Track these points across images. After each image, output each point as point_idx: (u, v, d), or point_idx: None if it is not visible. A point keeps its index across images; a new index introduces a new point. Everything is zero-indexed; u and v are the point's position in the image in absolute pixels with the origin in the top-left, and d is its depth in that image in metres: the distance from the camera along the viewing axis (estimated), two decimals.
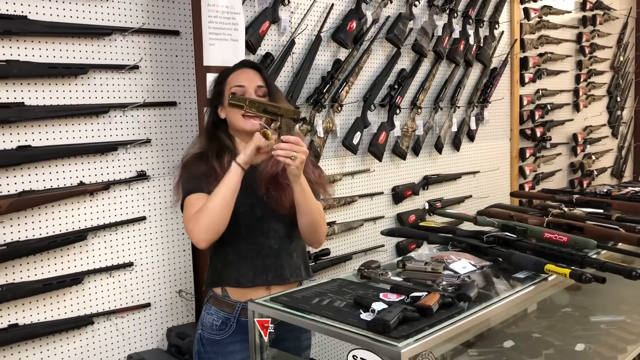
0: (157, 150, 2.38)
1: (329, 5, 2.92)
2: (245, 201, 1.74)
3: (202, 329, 1.82)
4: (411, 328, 1.32)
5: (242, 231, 1.76)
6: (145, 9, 2.31)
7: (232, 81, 1.78)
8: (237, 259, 1.77)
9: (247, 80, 1.77)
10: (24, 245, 2.03)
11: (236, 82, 1.77)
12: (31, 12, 2.04)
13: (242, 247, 1.77)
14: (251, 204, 1.75)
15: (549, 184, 4.71)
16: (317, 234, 1.81)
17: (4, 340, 1.99)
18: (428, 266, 1.67)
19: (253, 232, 1.77)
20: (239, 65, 1.86)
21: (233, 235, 1.76)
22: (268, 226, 1.77)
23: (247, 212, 1.75)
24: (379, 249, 3.28)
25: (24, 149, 2.03)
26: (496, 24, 4.00)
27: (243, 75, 1.79)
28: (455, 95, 3.71)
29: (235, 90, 1.74)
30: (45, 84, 2.09)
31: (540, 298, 2.01)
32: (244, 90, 1.75)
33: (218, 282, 1.81)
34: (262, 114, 1.67)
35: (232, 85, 1.77)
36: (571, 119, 4.99)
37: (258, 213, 1.76)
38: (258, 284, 1.76)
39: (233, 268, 1.77)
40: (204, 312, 1.83)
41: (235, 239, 1.76)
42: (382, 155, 3.22)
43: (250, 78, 1.78)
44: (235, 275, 1.77)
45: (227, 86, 1.78)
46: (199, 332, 1.83)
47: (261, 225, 1.77)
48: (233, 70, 1.83)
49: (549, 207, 2.40)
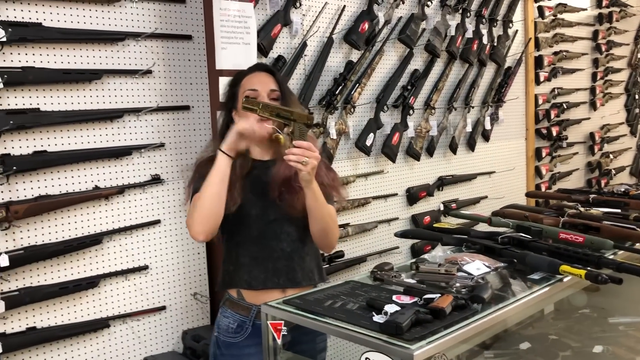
0: (171, 154, 2.39)
1: (341, 7, 2.92)
2: (258, 204, 1.75)
3: (218, 332, 1.83)
4: (424, 330, 1.31)
5: (254, 234, 1.77)
6: (158, 14, 2.33)
7: (245, 85, 1.79)
8: (249, 261, 1.77)
9: (261, 84, 1.78)
10: (40, 250, 2.06)
11: (250, 85, 1.78)
12: (46, 19, 2.07)
13: (254, 249, 1.77)
14: (264, 207, 1.76)
15: (566, 183, 4.66)
16: (328, 239, 1.80)
17: (22, 343, 2.02)
18: (441, 268, 1.66)
19: (265, 235, 1.77)
20: (253, 68, 1.86)
21: (245, 237, 1.76)
22: (280, 229, 1.78)
23: (260, 215, 1.76)
24: (394, 250, 3.26)
25: (40, 154, 2.06)
26: (510, 23, 3.97)
27: (256, 78, 1.80)
28: (469, 95, 3.69)
29: (248, 94, 1.75)
30: (60, 90, 2.12)
31: (556, 299, 1.99)
32: (257, 94, 1.75)
33: (230, 283, 1.81)
34: (274, 118, 1.67)
35: (245, 89, 1.77)
36: (588, 117, 4.93)
37: (271, 216, 1.76)
38: (269, 286, 1.76)
39: (244, 270, 1.78)
40: (220, 315, 1.84)
41: (248, 242, 1.77)
42: (395, 156, 3.21)
43: (264, 82, 1.79)
44: (246, 277, 1.77)
45: (241, 89, 1.79)
46: (215, 335, 1.84)
47: (274, 228, 1.77)
48: (247, 73, 1.83)
49: (565, 207, 2.38)
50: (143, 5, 2.29)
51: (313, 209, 1.71)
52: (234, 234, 1.77)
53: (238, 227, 1.76)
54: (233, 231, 1.79)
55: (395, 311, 1.36)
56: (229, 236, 1.81)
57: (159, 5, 2.33)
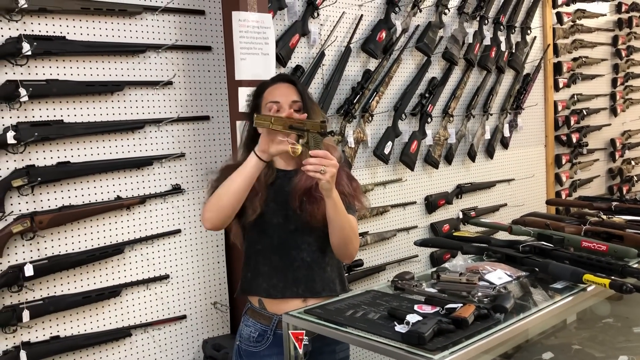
0: (191, 164, 2.41)
1: (358, 16, 2.94)
2: (280, 213, 1.76)
3: (240, 341, 1.84)
4: (446, 340, 1.31)
5: (275, 242, 1.78)
6: (178, 26, 2.36)
7: (267, 96, 1.80)
8: (269, 270, 1.78)
9: (282, 96, 1.78)
10: (64, 259, 2.09)
11: (271, 97, 1.78)
12: (69, 32, 2.10)
13: (274, 258, 1.78)
14: (285, 216, 1.77)
15: (587, 190, 4.60)
16: (348, 250, 1.78)
17: (46, 352, 2.04)
18: (463, 277, 1.66)
19: (286, 244, 1.78)
20: (275, 79, 1.87)
21: (265, 246, 1.77)
22: (301, 239, 1.78)
23: (281, 224, 1.77)
24: (413, 259, 3.25)
25: (64, 165, 2.09)
26: (528, 30, 3.95)
27: (278, 90, 1.80)
28: (488, 103, 3.67)
29: (270, 106, 1.76)
30: (83, 102, 2.15)
31: (579, 309, 1.97)
32: (279, 106, 1.75)
33: (248, 290, 1.82)
34: (288, 131, 1.66)
35: (268, 101, 1.78)
36: (608, 123, 4.88)
37: (291, 226, 1.77)
38: (288, 295, 1.76)
39: (263, 278, 1.78)
40: (242, 324, 1.85)
41: (268, 250, 1.78)
42: (414, 164, 3.20)
43: (286, 93, 1.79)
44: (265, 285, 1.78)
45: (263, 101, 1.80)
46: (237, 344, 1.85)
47: (294, 238, 1.78)
48: (269, 85, 1.84)
49: (587, 215, 2.35)
50: (164, 18, 2.32)
51: (333, 218, 1.70)
52: (255, 241, 1.79)
53: (259, 235, 1.78)
54: (254, 239, 1.80)
55: (417, 321, 1.36)
56: (249, 243, 1.82)
57: (179, 17, 2.36)
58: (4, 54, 1.95)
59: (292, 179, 1.77)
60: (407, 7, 3.12)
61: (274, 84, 1.83)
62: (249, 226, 1.78)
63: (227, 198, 1.68)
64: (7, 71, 1.98)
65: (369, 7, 3.02)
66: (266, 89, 1.82)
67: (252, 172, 1.67)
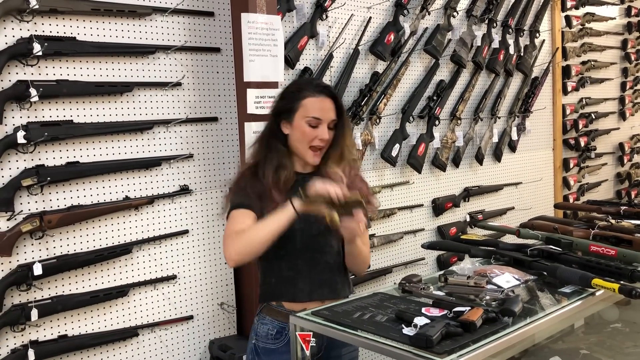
0: (200, 165, 2.42)
1: (367, 18, 2.94)
2: (302, 217, 1.68)
3: (257, 339, 1.80)
4: (454, 343, 1.30)
5: (299, 247, 1.74)
6: (187, 28, 2.37)
7: (308, 107, 1.71)
8: (294, 275, 1.76)
9: (324, 112, 1.71)
10: (72, 259, 2.10)
11: (313, 112, 1.71)
12: (80, 33, 2.12)
13: (298, 262, 1.75)
14: (307, 221, 1.71)
15: (595, 195, 4.58)
16: (359, 267, 1.85)
17: (54, 351, 2.06)
18: (471, 280, 1.65)
19: (309, 248, 1.75)
20: (319, 90, 1.74)
21: (289, 251, 1.74)
22: (325, 242, 1.77)
23: (304, 228, 1.73)
24: (420, 262, 3.25)
25: (73, 165, 2.11)
26: (537, 33, 3.94)
27: (320, 104, 1.72)
28: (496, 106, 3.66)
29: (309, 121, 1.70)
30: (93, 102, 2.16)
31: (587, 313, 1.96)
32: (318, 123, 1.70)
33: (273, 296, 1.78)
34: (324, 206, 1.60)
35: (308, 115, 1.70)
36: (617, 127, 4.85)
37: (314, 230, 1.74)
38: (315, 298, 1.75)
39: (289, 284, 1.76)
40: (258, 323, 1.81)
41: (292, 255, 1.75)
42: (421, 167, 3.20)
43: (327, 109, 1.72)
44: (292, 290, 1.75)
45: (302, 110, 1.72)
46: (252, 343, 1.81)
47: (318, 241, 1.76)
48: (311, 93, 1.73)
49: (595, 219, 2.34)
50: (173, 19, 2.33)
51: (350, 249, 1.76)
52: (279, 247, 1.70)
53: (283, 241, 1.69)
54: (276, 245, 1.70)
55: (425, 324, 1.36)
56: (273, 249, 1.70)
57: (189, 18, 2.37)
58: (15, 54, 1.97)
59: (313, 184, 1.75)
60: (415, 9, 3.12)
61: (317, 95, 1.73)
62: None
63: (258, 244, 1.63)
64: (18, 71, 2.00)
65: (378, 10, 3.02)
66: (307, 97, 1.72)
67: (287, 223, 1.61)
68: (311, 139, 1.72)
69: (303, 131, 1.72)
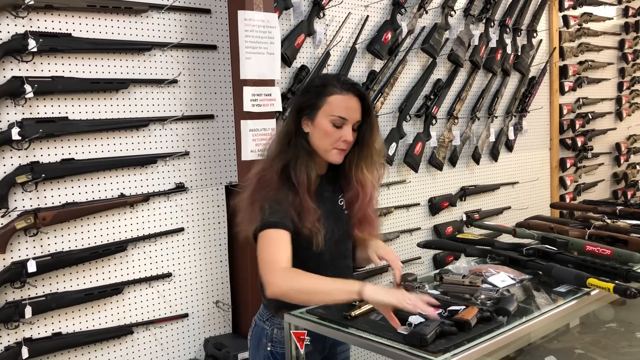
0: (195, 163, 2.42)
1: (364, 17, 2.93)
2: (328, 226, 1.65)
3: (273, 345, 1.69)
4: (449, 342, 1.30)
5: (326, 258, 1.67)
6: (184, 25, 2.37)
7: (334, 105, 1.60)
8: None
9: (350, 112, 1.60)
10: (66, 256, 2.09)
11: (339, 111, 1.59)
12: (75, 29, 2.11)
13: (327, 274, 1.57)
14: (332, 229, 1.68)
15: (591, 194, 4.59)
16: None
17: (48, 349, 2.05)
18: (466, 279, 1.65)
19: (335, 255, 1.72)
20: (346, 87, 1.63)
21: (319, 262, 1.65)
22: (345, 246, 1.77)
23: (330, 237, 1.67)
24: (416, 261, 3.24)
25: (68, 162, 2.10)
26: (534, 33, 3.94)
27: (347, 103, 1.60)
28: (493, 105, 3.66)
29: (334, 121, 1.59)
30: (88, 99, 2.15)
31: (582, 313, 1.96)
32: (342, 123, 1.60)
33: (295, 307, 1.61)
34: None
35: (334, 114, 1.59)
36: (614, 127, 4.86)
37: (336, 235, 1.70)
38: None
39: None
40: (270, 328, 1.70)
41: (320, 267, 1.62)
42: (418, 166, 3.19)
43: (354, 109, 1.62)
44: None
45: (328, 108, 1.60)
46: (268, 350, 1.69)
47: (339, 247, 1.73)
48: (339, 90, 1.61)
49: (591, 219, 2.34)
50: (169, 16, 2.32)
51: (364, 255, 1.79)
52: (308, 259, 1.62)
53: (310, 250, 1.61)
54: (307, 256, 1.63)
55: (419, 322, 1.36)
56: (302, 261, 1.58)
57: (185, 15, 2.36)
58: (10, 50, 1.96)
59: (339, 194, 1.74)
60: (413, 8, 3.11)
61: (344, 92, 1.61)
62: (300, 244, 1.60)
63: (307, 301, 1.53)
64: (12, 67, 1.99)
65: (375, 8, 3.02)
66: (333, 94, 1.61)
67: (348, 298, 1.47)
68: (335, 140, 1.60)
69: (326, 130, 1.60)
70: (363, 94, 1.65)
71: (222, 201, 2.47)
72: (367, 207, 1.72)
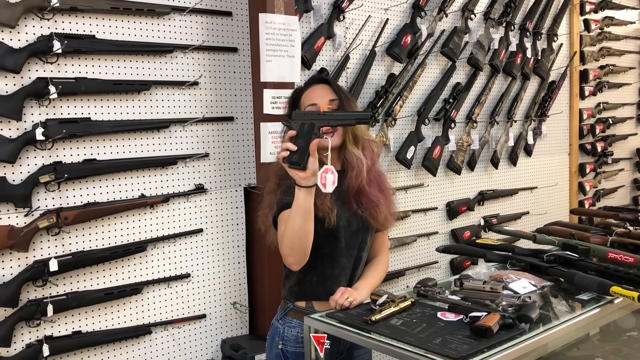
0: (215, 164, 2.43)
1: (384, 20, 2.93)
2: (343, 215, 1.74)
3: (284, 344, 1.75)
4: (470, 349, 1.29)
5: (342, 245, 1.75)
6: (205, 27, 2.38)
7: (305, 100, 1.79)
8: (338, 273, 1.76)
9: (319, 97, 1.77)
10: (87, 255, 2.11)
11: (309, 100, 1.78)
12: (99, 31, 2.13)
13: (342, 260, 1.76)
14: (348, 218, 1.75)
15: (611, 200, 4.54)
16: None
17: (68, 347, 2.07)
18: (487, 285, 1.64)
19: (351, 245, 1.77)
20: (308, 83, 1.85)
21: (333, 249, 1.75)
22: (362, 238, 1.80)
23: (346, 226, 1.75)
24: (433, 265, 3.23)
25: (90, 162, 2.12)
26: (555, 37, 3.90)
27: (314, 92, 1.80)
28: (512, 109, 3.64)
29: (310, 109, 1.74)
30: (111, 100, 2.17)
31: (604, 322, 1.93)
32: (316, 108, 1.74)
33: (311, 295, 1.76)
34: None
35: (305, 105, 1.78)
36: (635, 133, 4.80)
37: (353, 226, 1.77)
38: None
39: (332, 281, 1.75)
40: (282, 327, 1.77)
41: (336, 253, 1.75)
42: (436, 169, 3.18)
43: (321, 94, 1.78)
44: (334, 288, 1.72)
45: (302, 107, 1.79)
46: (279, 348, 1.76)
47: (356, 238, 1.78)
48: (304, 89, 1.83)
49: (612, 226, 2.31)
50: (191, 19, 2.34)
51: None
52: (322, 245, 1.71)
53: (326, 239, 1.72)
54: (320, 243, 1.70)
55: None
56: (315, 248, 1.67)
57: (207, 18, 2.38)
58: (36, 52, 1.98)
59: (342, 182, 1.74)
60: (433, 11, 3.10)
61: (308, 87, 1.82)
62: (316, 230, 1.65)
63: (298, 240, 1.60)
64: (37, 68, 2.01)
65: (395, 11, 3.01)
66: (302, 94, 1.81)
67: (306, 204, 1.56)
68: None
69: None
70: (325, 79, 1.86)
71: (240, 203, 2.48)
72: (356, 182, 1.74)
